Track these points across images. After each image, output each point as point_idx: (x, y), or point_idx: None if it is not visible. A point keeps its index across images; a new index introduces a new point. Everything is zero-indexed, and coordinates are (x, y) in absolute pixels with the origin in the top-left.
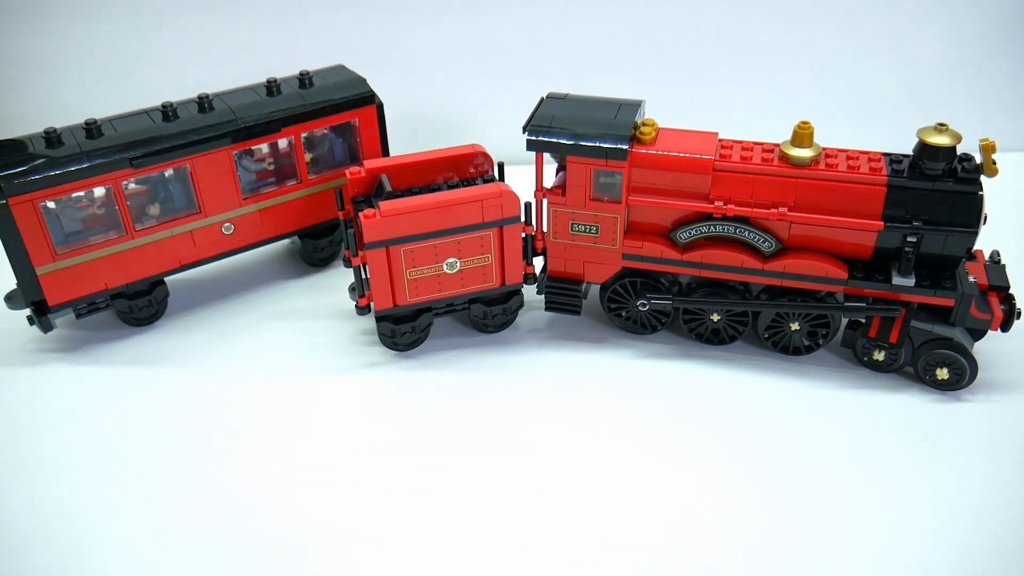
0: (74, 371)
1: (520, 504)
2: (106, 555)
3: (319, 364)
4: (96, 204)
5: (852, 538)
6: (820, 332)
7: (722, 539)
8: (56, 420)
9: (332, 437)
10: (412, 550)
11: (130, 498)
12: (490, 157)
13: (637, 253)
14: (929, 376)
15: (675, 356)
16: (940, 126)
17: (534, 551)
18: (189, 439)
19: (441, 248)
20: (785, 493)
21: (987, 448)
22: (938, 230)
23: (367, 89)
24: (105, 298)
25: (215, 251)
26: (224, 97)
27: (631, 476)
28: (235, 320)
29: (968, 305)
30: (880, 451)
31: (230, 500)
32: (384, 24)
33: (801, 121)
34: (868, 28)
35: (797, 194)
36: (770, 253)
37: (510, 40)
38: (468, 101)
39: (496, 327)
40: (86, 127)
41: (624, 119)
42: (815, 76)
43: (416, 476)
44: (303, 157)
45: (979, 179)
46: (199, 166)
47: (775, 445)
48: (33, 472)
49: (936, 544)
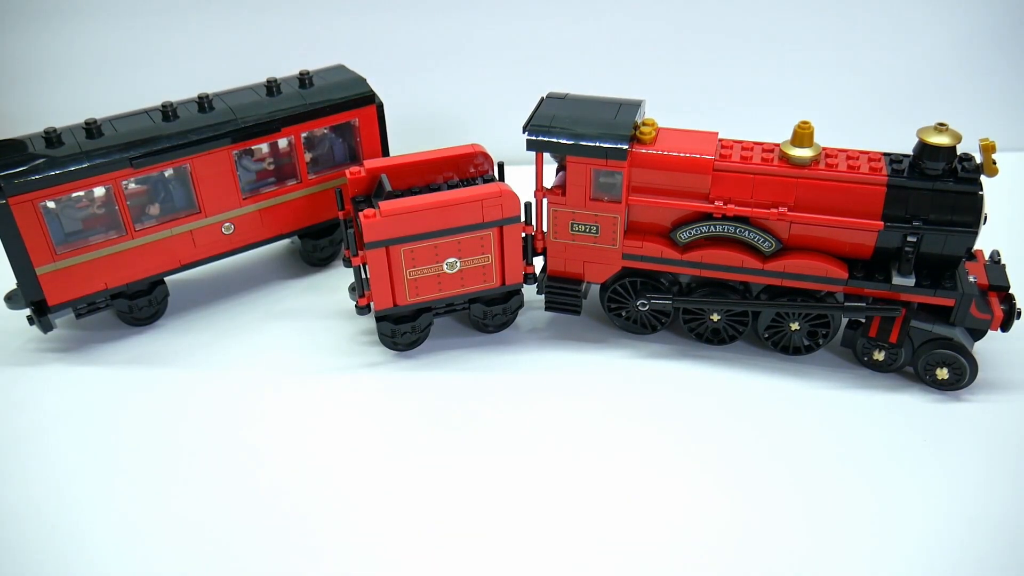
0: (74, 371)
1: (520, 504)
2: (106, 554)
3: (319, 364)
4: (96, 204)
5: (852, 538)
6: (820, 332)
7: (722, 539)
8: (56, 420)
9: (332, 437)
10: (412, 550)
11: (130, 497)
12: (490, 157)
13: (637, 253)
14: (929, 376)
15: (675, 356)
16: (940, 126)
17: (534, 551)
18: (189, 439)
19: (441, 248)
20: (785, 493)
21: (987, 448)
22: (938, 230)
23: (367, 89)
24: (105, 298)
25: (215, 251)
26: (224, 97)
27: (631, 476)
28: (235, 320)
29: (968, 305)
30: (880, 451)
31: (230, 500)
32: (384, 24)
33: (801, 121)
34: (868, 28)
35: (797, 194)
36: (770, 253)
37: (510, 40)
38: (468, 101)
39: (496, 327)
40: (86, 127)
41: (624, 119)
42: (815, 76)
43: (416, 476)
44: (303, 157)
45: (979, 179)
46: (199, 166)
47: (775, 445)
48: (33, 472)
49: (936, 544)
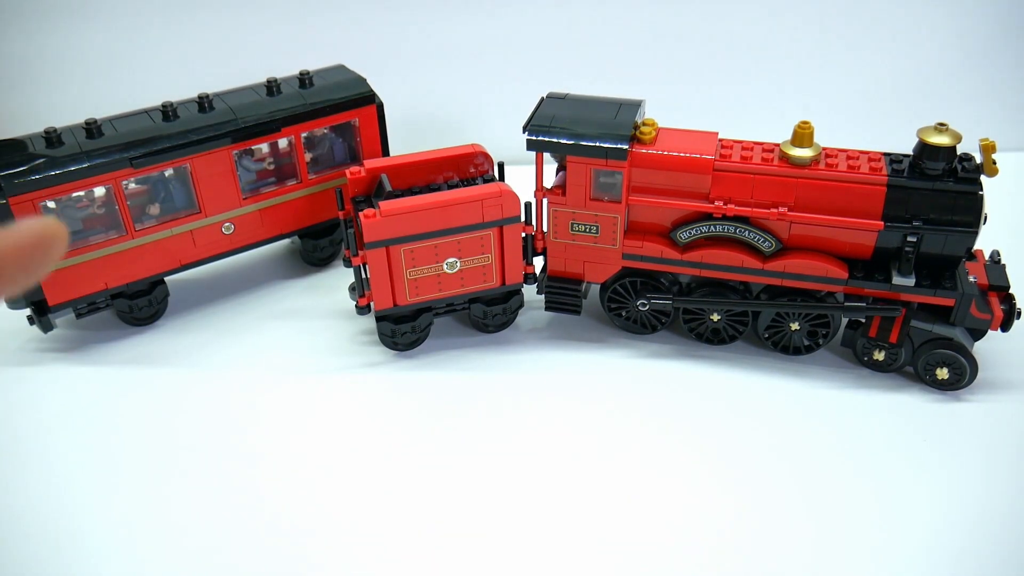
0: (74, 371)
1: (520, 504)
2: (106, 554)
3: (319, 364)
4: (96, 204)
5: (853, 538)
6: (820, 332)
7: (722, 539)
8: (56, 420)
9: (332, 437)
10: (412, 550)
11: (130, 497)
12: (490, 157)
13: (637, 253)
14: (929, 376)
15: (675, 356)
16: (940, 126)
17: (534, 551)
18: (189, 439)
19: (441, 248)
20: (786, 493)
21: (987, 448)
22: (938, 230)
23: (367, 89)
24: (105, 298)
25: (215, 251)
26: (224, 97)
27: (631, 476)
28: (235, 320)
29: (968, 305)
30: (880, 451)
31: (230, 499)
32: (384, 24)
33: (801, 121)
34: (868, 28)
35: (797, 194)
36: (770, 253)
37: (510, 40)
38: (468, 101)
39: (496, 327)
40: (86, 127)
41: (624, 119)
42: (815, 76)
43: (416, 475)
44: (303, 157)
45: (979, 179)
46: (199, 166)
47: (775, 445)
48: (33, 472)
49: (936, 543)
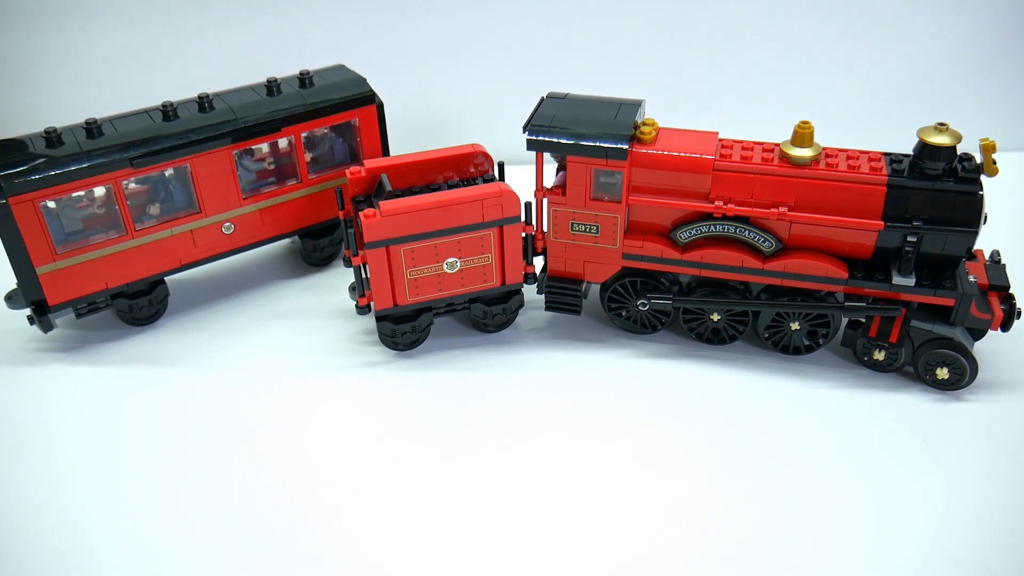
0: (74, 371)
1: (520, 504)
2: (107, 554)
3: (319, 364)
4: (96, 204)
5: (852, 537)
6: (820, 332)
7: (723, 539)
8: (56, 420)
9: (332, 437)
10: (412, 549)
11: (130, 497)
12: (490, 157)
13: (637, 253)
14: (929, 376)
15: (675, 356)
16: (940, 126)
17: (534, 551)
18: (189, 439)
19: (441, 248)
20: (785, 492)
21: (987, 448)
22: (938, 230)
23: (367, 89)
24: (105, 298)
25: (215, 251)
26: (224, 97)
27: (631, 476)
28: (235, 320)
29: (968, 305)
30: (880, 451)
31: (230, 499)
32: (384, 24)
33: (801, 121)
34: (868, 28)
35: (797, 194)
36: (770, 253)
37: (510, 40)
38: (468, 101)
39: (496, 327)
40: (86, 127)
41: (624, 119)
42: (815, 75)
43: (416, 475)
44: (303, 157)
45: (979, 179)
46: (199, 166)
47: (775, 444)
48: (34, 472)
49: (936, 544)
